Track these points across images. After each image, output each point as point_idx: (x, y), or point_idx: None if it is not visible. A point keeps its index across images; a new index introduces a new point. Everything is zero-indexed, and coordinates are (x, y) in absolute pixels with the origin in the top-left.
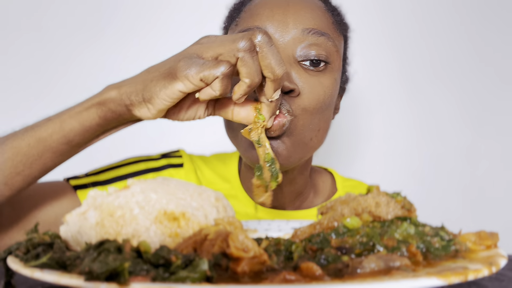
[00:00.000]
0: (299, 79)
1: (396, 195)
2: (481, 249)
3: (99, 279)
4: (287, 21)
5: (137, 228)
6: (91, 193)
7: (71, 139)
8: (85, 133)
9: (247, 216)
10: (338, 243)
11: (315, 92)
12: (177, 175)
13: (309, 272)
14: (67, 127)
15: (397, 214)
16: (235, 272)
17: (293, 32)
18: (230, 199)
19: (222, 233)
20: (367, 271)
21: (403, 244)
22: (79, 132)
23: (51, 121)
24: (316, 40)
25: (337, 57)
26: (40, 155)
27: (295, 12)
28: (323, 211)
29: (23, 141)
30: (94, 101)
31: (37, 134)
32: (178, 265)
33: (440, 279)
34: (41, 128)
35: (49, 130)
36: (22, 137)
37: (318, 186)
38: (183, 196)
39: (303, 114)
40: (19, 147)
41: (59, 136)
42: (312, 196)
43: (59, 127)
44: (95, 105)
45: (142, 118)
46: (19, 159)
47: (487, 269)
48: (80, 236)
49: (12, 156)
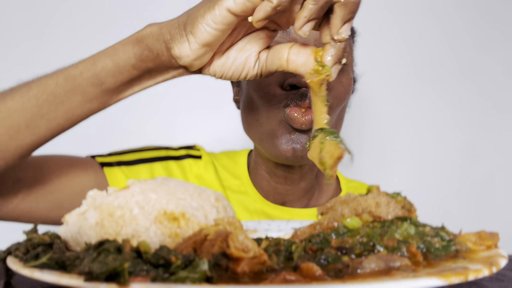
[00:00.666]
0: None
1: (396, 195)
2: (482, 249)
3: (98, 280)
4: None
5: (137, 228)
6: (90, 193)
7: (102, 81)
8: (117, 75)
9: (256, 212)
10: (338, 243)
11: (337, 90)
12: (196, 166)
13: (309, 272)
14: (99, 64)
15: (397, 214)
16: (235, 272)
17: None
18: (240, 195)
19: (222, 233)
20: (367, 271)
21: (403, 244)
22: (111, 72)
23: (85, 60)
24: None
25: (351, 56)
26: (67, 96)
27: None
28: (323, 211)
29: (51, 79)
30: (132, 37)
31: (67, 71)
32: (178, 265)
33: (441, 279)
34: (72, 65)
35: (80, 68)
36: (51, 75)
37: (322, 186)
38: (183, 196)
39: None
40: (46, 84)
41: (89, 75)
42: (317, 195)
43: (91, 64)
44: (133, 41)
45: (181, 59)
46: (45, 97)
47: (487, 269)
48: (80, 236)
49: (38, 94)
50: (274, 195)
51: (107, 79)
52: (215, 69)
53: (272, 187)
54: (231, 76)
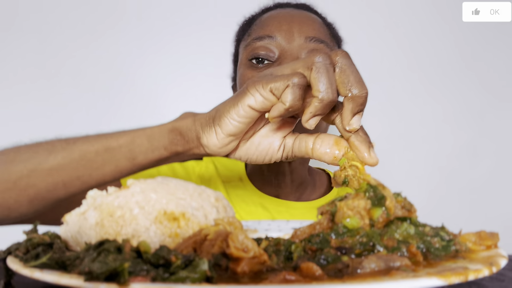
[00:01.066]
0: None
1: (397, 195)
2: (481, 249)
3: (98, 279)
4: (292, 31)
5: (137, 228)
6: (90, 193)
7: (136, 156)
8: (149, 154)
9: (254, 204)
10: (338, 243)
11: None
12: (198, 166)
13: (309, 272)
14: (137, 141)
15: (397, 214)
16: (235, 272)
17: (297, 40)
18: (239, 190)
19: (222, 233)
20: (367, 271)
21: (403, 244)
22: (145, 150)
23: (124, 133)
24: (317, 46)
25: None
26: (103, 165)
27: (299, 23)
28: (323, 211)
29: (92, 147)
30: (169, 125)
31: (108, 142)
32: (178, 265)
33: (441, 279)
34: (112, 137)
35: (120, 141)
36: (92, 143)
37: (315, 183)
38: (183, 196)
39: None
40: (87, 151)
41: (126, 150)
42: (310, 190)
43: (130, 140)
44: (169, 128)
45: (208, 148)
46: (84, 163)
47: (487, 269)
48: (80, 236)
49: (78, 158)
50: (268, 188)
51: (140, 156)
52: (240, 154)
53: (266, 181)
54: (256, 159)
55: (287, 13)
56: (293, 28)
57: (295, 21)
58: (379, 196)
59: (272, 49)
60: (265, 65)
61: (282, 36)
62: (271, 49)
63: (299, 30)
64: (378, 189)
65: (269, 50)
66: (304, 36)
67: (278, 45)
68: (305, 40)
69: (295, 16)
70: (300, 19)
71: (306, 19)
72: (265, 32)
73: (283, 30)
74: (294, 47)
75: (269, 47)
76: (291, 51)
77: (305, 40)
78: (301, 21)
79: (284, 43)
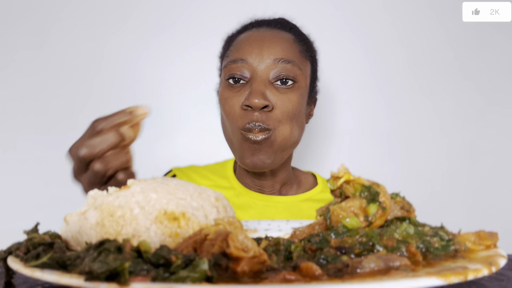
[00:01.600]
0: (272, 97)
1: (395, 195)
2: (481, 249)
3: (99, 279)
4: (262, 53)
5: (137, 228)
6: (91, 193)
7: None
8: None
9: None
10: (338, 243)
11: (284, 106)
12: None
13: (309, 272)
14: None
15: (396, 214)
16: (235, 272)
17: (267, 61)
18: (229, 190)
19: (222, 233)
20: (367, 271)
21: (403, 244)
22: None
23: None
24: (284, 66)
25: (302, 77)
26: None
27: (268, 46)
28: (322, 211)
29: None
30: None
31: None
32: (178, 265)
33: (440, 279)
34: None
35: None
36: None
37: (301, 181)
38: (183, 196)
39: (279, 125)
40: None
41: None
42: (296, 188)
43: None
44: None
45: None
46: None
47: (487, 269)
48: (80, 236)
49: None
50: (253, 187)
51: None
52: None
53: (251, 181)
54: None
55: (259, 36)
56: (263, 50)
57: (265, 44)
58: (373, 193)
59: (244, 71)
60: (240, 84)
61: (253, 58)
62: (243, 71)
63: (268, 52)
64: (372, 187)
65: (242, 72)
66: (273, 57)
67: (249, 67)
68: (273, 61)
69: (266, 37)
70: (271, 41)
71: (276, 40)
72: (239, 55)
73: (253, 53)
74: (263, 68)
75: (242, 69)
76: (261, 72)
77: (274, 61)
78: (271, 43)
79: (255, 65)
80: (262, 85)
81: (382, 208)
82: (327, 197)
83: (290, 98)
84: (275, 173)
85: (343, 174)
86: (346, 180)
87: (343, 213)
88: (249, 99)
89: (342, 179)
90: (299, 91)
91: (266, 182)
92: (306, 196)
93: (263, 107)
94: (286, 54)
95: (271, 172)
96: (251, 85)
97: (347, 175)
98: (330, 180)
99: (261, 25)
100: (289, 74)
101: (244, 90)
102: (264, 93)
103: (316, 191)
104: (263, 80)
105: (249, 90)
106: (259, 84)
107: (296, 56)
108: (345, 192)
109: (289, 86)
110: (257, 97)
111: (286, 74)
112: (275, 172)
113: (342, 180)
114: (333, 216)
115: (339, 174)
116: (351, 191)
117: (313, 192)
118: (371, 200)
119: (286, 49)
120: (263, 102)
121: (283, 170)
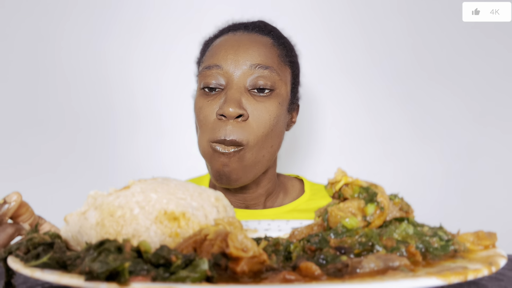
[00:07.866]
0: (249, 105)
1: (394, 196)
2: (480, 249)
3: (99, 279)
4: (238, 59)
5: (137, 228)
6: (91, 193)
7: None
8: None
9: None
10: (337, 243)
11: (261, 116)
12: None
13: (309, 271)
14: None
15: (394, 215)
16: (234, 272)
17: (243, 67)
18: None
19: (222, 233)
20: (366, 271)
21: (402, 244)
22: None
23: None
24: (262, 72)
25: (281, 84)
26: None
27: (245, 51)
28: (320, 213)
29: None
30: None
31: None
32: (178, 265)
33: (440, 279)
34: None
35: None
36: None
37: (288, 189)
38: (183, 196)
39: (254, 138)
40: None
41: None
42: (282, 197)
43: None
44: None
45: None
46: None
47: (486, 269)
48: (81, 236)
49: None
50: (235, 202)
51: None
52: None
53: (233, 195)
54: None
55: (235, 40)
56: (239, 56)
57: (241, 49)
58: (371, 194)
59: (219, 78)
60: (216, 92)
61: (228, 64)
62: (218, 78)
63: (245, 57)
64: (370, 188)
65: (217, 79)
66: (249, 63)
67: (225, 74)
68: (250, 67)
69: (242, 42)
70: (247, 45)
71: (253, 44)
72: (214, 61)
73: (229, 59)
74: (239, 75)
75: (217, 76)
76: (236, 79)
77: (250, 67)
78: (247, 48)
79: (230, 71)
80: (238, 92)
81: (380, 208)
82: (314, 205)
83: (267, 107)
84: (258, 183)
85: (341, 177)
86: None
87: (341, 214)
88: (223, 108)
89: (341, 182)
90: (277, 99)
91: (249, 195)
92: (291, 207)
93: (238, 116)
94: (264, 60)
95: (254, 183)
96: (226, 92)
97: (345, 178)
98: (328, 186)
99: (238, 29)
100: (266, 82)
101: (219, 98)
102: (240, 101)
103: (303, 199)
104: (239, 88)
105: (224, 98)
106: (235, 92)
107: (275, 61)
108: (344, 194)
109: (266, 94)
110: (231, 105)
111: (263, 82)
112: (258, 183)
113: (341, 183)
114: (331, 217)
115: (336, 178)
116: (350, 193)
117: (300, 201)
118: (369, 201)
119: (264, 54)
120: (237, 111)
121: (267, 179)
